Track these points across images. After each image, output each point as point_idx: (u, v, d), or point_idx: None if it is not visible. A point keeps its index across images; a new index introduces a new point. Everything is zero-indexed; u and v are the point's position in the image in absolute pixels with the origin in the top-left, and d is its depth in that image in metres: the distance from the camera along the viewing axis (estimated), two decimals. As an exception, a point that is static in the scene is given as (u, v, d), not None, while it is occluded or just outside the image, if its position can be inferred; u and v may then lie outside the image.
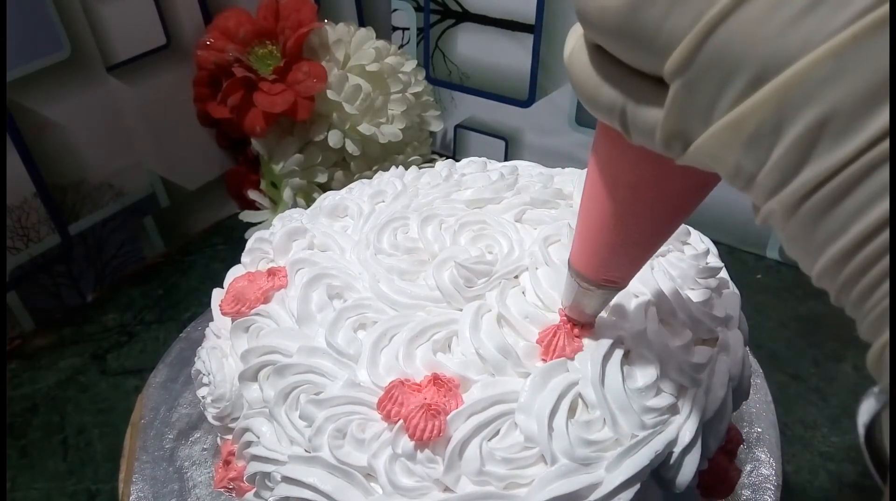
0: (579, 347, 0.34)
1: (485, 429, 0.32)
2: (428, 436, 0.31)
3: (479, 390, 0.33)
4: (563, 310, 0.35)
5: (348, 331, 0.36)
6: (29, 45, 0.57)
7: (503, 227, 0.41)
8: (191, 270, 0.73)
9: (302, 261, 0.41)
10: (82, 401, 0.58)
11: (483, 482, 0.31)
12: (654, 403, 0.33)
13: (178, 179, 0.74)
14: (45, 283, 0.64)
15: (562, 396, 0.32)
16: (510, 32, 0.75)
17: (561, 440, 0.31)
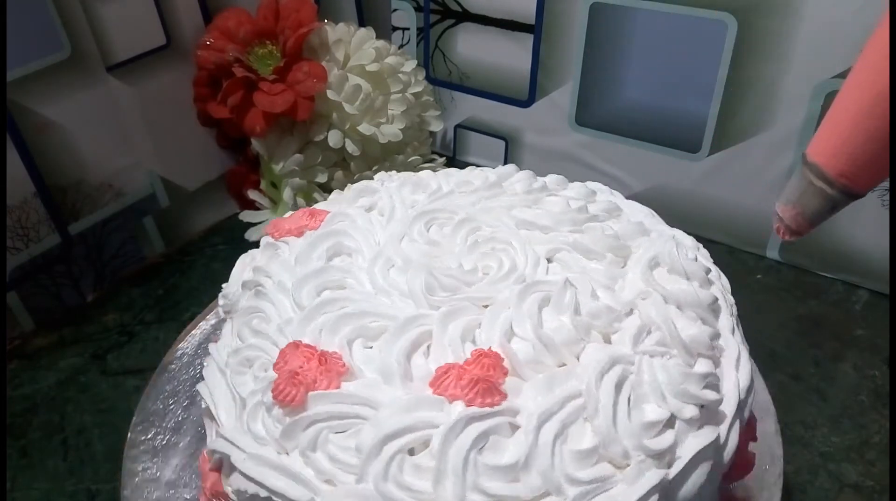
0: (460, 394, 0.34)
1: (334, 421, 0.34)
2: (287, 401, 0.34)
3: (353, 387, 0.35)
4: (779, 208, 0.31)
5: (313, 293, 0.40)
6: (29, 45, 0.57)
7: (523, 256, 0.41)
8: (191, 270, 0.73)
9: (343, 216, 0.46)
10: (82, 401, 0.58)
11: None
12: (584, 475, 0.32)
13: (178, 179, 0.74)
14: (45, 283, 0.64)
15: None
16: (510, 32, 0.75)
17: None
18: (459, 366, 0.34)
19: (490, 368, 0.34)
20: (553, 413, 0.33)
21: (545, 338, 0.35)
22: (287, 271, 0.42)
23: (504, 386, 0.34)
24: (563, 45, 0.73)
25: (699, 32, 0.66)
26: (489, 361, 0.34)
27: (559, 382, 0.34)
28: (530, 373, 0.35)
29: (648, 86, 0.80)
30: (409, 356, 0.36)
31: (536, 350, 0.35)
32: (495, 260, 0.41)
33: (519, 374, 0.35)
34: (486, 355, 0.34)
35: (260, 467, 0.34)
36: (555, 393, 0.33)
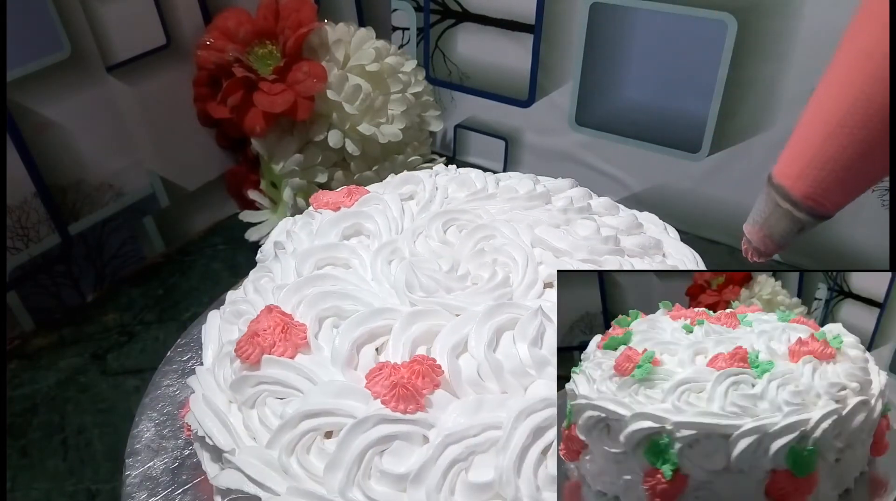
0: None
1: (276, 386, 0.36)
2: (244, 358, 0.36)
3: (305, 360, 0.37)
4: (746, 230, 0.32)
5: (314, 266, 0.42)
6: (29, 45, 0.57)
7: (521, 274, 0.41)
8: (191, 270, 0.73)
9: (378, 200, 0.47)
10: (82, 401, 0.58)
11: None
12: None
13: (178, 179, 0.74)
14: (45, 283, 0.64)
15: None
16: (510, 32, 0.75)
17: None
18: (393, 366, 0.34)
19: (419, 375, 0.34)
20: (465, 437, 0.33)
21: (493, 361, 0.35)
22: (308, 240, 0.44)
23: (430, 397, 0.34)
24: (563, 45, 0.73)
25: (699, 32, 0.66)
26: (421, 368, 0.34)
27: (488, 408, 0.34)
28: (467, 392, 0.34)
29: (648, 86, 0.80)
30: (362, 345, 0.37)
31: (481, 371, 0.35)
32: (490, 271, 0.40)
33: (454, 390, 0.35)
34: (421, 362, 0.34)
35: (206, 408, 0.37)
36: (477, 418, 0.33)
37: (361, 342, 0.37)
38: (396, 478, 0.32)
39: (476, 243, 0.43)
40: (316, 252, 0.43)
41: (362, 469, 0.33)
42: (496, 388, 0.35)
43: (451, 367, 0.35)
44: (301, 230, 0.46)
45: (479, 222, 0.45)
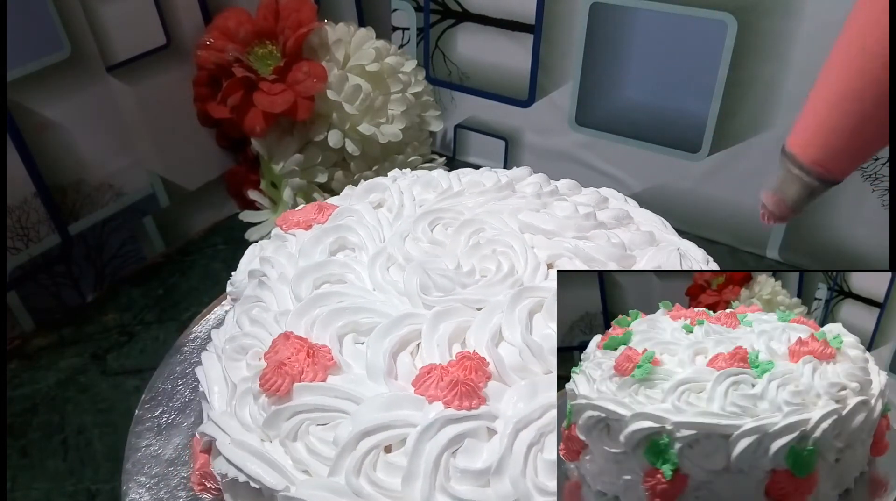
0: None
1: (316, 413, 0.35)
2: (273, 390, 0.35)
3: (339, 381, 0.36)
4: (764, 196, 0.33)
5: (311, 286, 0.41)
6: (29, 45, 0.57)
7: (523, 260, 0.41)
8: (191, 270, 0.73)
9: (351, 211, 0.47)
10: (82, 401, 0.58)
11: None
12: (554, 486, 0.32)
13: (178, 179, 0.74)
14: (45, 283, 0.64)
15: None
16: (510, 32, 0.75)
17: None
18: (442, 367, 0.34)
19: (472, 371, 0.34)
20: (531, 421, 0.33)
21: (533, 345, 0.35)
22: (291, 262, 0.43)
23: (485, 390, 0.34)
24: (563, 45, 0.73)
25: (699, 32, 0.66)
26: (472, 364, 0.34)
27: (542, 389, 0.34)
28: (515, 379, 0.35)
29: (648, 86, 0.80)
30: (396, 354, 0.36)
31: (523, 356, 0.35)
32: (494, 263, 0.41)
33: (503, 379, 0.35)
34: (470, 357, 0.34)
35: (242, 452, 0.35)
36: (536, 400, 0.33)
37: (395, 351, 0.36)
38: (477, 474, 0.32)
39: (468, 238, 0.43)
40: (309, 272, 0.41)
41: (441, 473, 0.32)
42: (540, 369, 0.35)
43: (494, 357, 0.35)
44: (279, 254, 0.45)
45: (463, 217, 0.45)
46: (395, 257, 0.42)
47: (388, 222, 0.46)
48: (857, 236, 0.65)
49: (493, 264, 0.41)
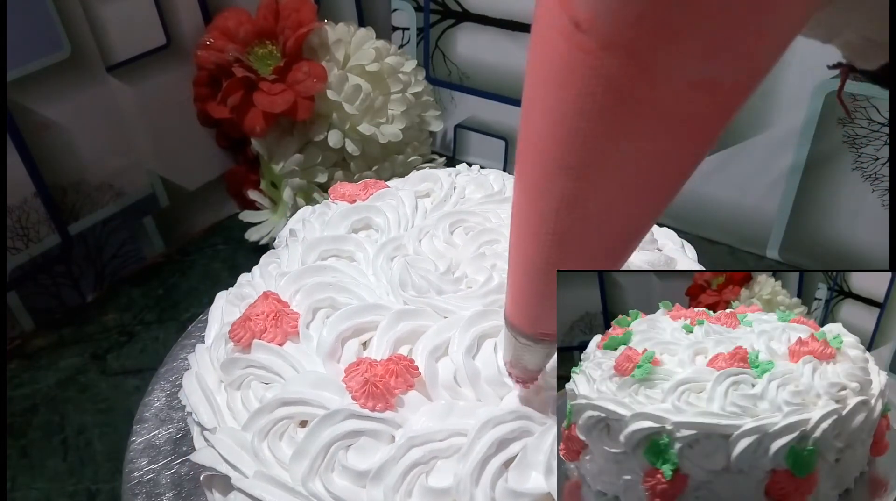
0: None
1: (262, 371, 0.37)
2: (236, 340, 0.38)
3: (291, 349, 0.38)
4: (505, 363, 0.34)
5: (317, 256, 0.43)
6: (29, 45, 0.57)
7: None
8: (191, 270, 0.73)
9: (392, 195, 0.48)
10: (82, 401, 0.58)
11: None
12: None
13: (178, 179, 0.74)
14: (45, 283, 0.64)
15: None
16: (510, 32, 0.75)
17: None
18: (370, 363, 0.35)
19: (393, 375, 0.34)
20: (428, 441, 0.33)
21: (470, 368, 0.35)
22: (320, 230, 0.45)
23: (403, 398, 0.34)
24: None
25: (699, 32, 0.66)
26: (397, 368, 0.34)
27: (458, 414, 0.34)
28: (440, 396, 0.35)
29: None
30: (347, 339, 0.37)
31: (457, 377, 0.35)
32: (486, 275, 0.40)
33: (428, 392, 0.35)
34: (400, 362, 0.34)
35: (194, 384, 0.38)
36: (446, 423, 0.33)
37: (347, 335, 0.37)
38: (358, 474, 0.33)
39: (479, 247, 0.43)
40: (322, 243, 0.44)
41: (326, 461, 0.33)
42: (471, 395, 0.35)
43: (428, 369, 0.35)
44: (315, 220, 0.47)
45: (485, 225, 0.45)
46: (404, 248, 0.43)
47: (424, 213, 0.47)
48: (857, 236, 0.65)
49: (483, 277, 0.40)
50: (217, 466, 0.35)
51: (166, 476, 0.44)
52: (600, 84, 0.17)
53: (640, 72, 0.16)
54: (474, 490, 0.32)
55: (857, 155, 0.62)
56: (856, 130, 0.61)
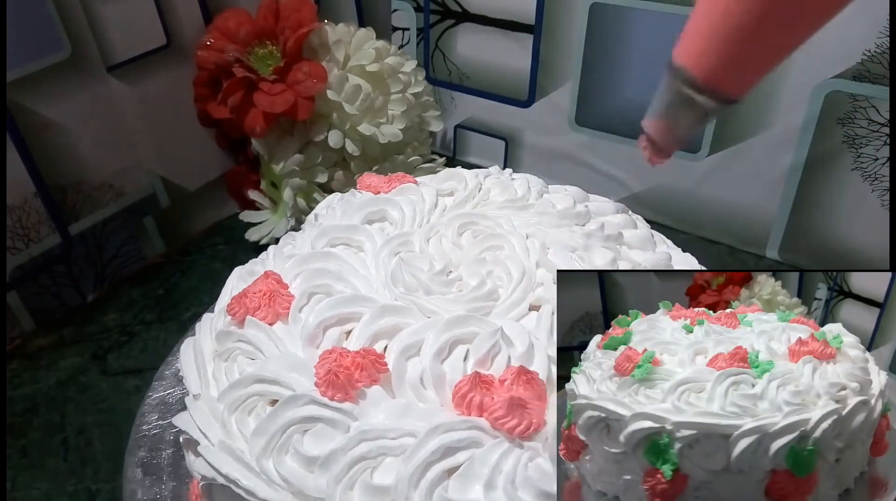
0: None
1: (249, 347, 0.38)
2: (231, 314, 0.40)
3: (279, 329, 0.39)
4: (645, 125, 0.29)
5: (325, 242, 0.44)
6: (29, 45, 0.57)
7: (509, 290, 0.40)
8: (191, 270, 0.73)
9: (414, 190, 0.48)
10: (82, 401, 0.58)
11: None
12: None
13: (178, 179, 0.74)
14: (45, 283, 0.64)
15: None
16: (510, 32, 0.75)
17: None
18: (340, 353, 0.35)
19: (358, 368, 0.34)
20: (381, 438, 0.33)
21: (436, 372, 0.35)
22: (339, 217, 0.46)
23: (366, 391, 0.34)
24: (563, 45, 0.73)
25: (699, 32, 0.66)
26: (364, 362, 0.34)
27: (414, 416, 0.34)
28: (404, 395, 0.35)
29: (648, 86, 0.79)
30: (329, 327, 0.37)
31: (423, 379, 0.35)
32: (478, 280, 0.40)
33: (392, 389, 0.35)
34: (365, 356, 0.35)
35: (189, 350, 0.41)
36: (400, 422, 0.33)
37: (331, 323, 0.38)
38: (308, 460, 0.33)
39: (481, 251, 0.43)
40: (334, 231, 0.44)
41: (282, 442, 0.34)
42: (435, 398, 0.34)
43: (396, 367, 0.35)
44: (338, 207, 0.48)
45: (494, 231, 0.44)
46: (410, 244, 0.43)
47: (442, 211, 0.47)
48: (857, 236, 0.65)
49: (475, 282, 0.40)
50: (190, 431, 0.36)
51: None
52: None
53: None
54: (411, 493, 0.31)
55: (856, 155, 0.62)
56: (856, 130, 0.61)
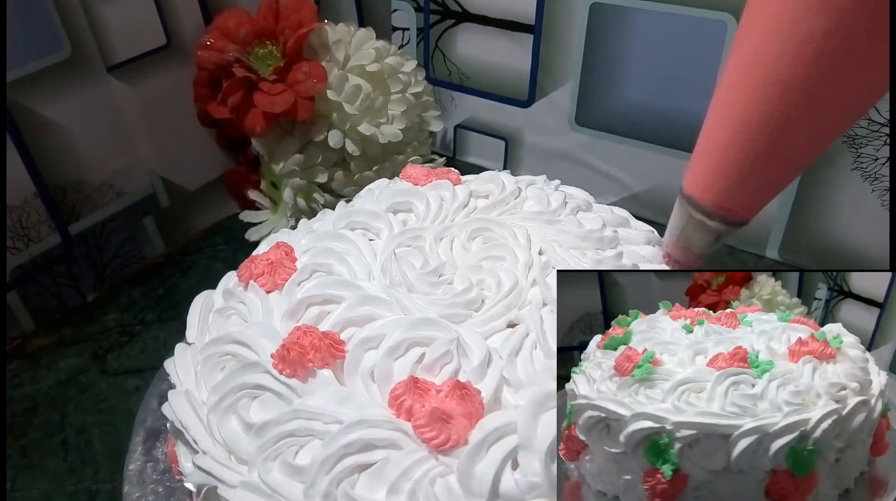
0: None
1: (242, 308, 0.41)
2: (239, 275, 0.43)
3: (273, 299, 0.41)
4: (665, 243, 0.31)
5: (344, 224, 0.45)
6: (29, 45, 0.58)
7: (493, 302, 0.39)
8: (191, 270, 0.73)
9: (446, 187, 0.49)
10: (82, 401, 0.58)
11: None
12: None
13: (178, 179, 0.74)
14: (45, 283, 0.64)
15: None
16: (510, 32, 0.75)
17: None
18: (305, 331, 0.36)
19: (314, 349, 0.35)
20: (313, 419, 0.33)
21: (384, 368, 0.35)
22: (367, 201, 0.49)
23: (320, 372, 0.35)
24: (563, 45, 0.73)
25: (699, 32, 0.66)
26: (321, 344, 0.35)
27: (350, 406, 0.34)
28: (350, 383, 0.35)
29: (648, 86, 0.80)
30: (310, 305, 0.39)
31: (375, 372, 0.35)
32: (465, 285, 0.40)
33: (343, 376, 0.35)
34: (323, 338, 0.35)
35: (201, 302, 0.43)
36: (336, 409, 0.34)
37: (314, 302, 0.39)
38: (246, 425, 0.34)
39: (481, 259, 0.42)
40: (357, 215, 0.46)
41: (231, 403, 0.35)
42: (378, 394, 0.35)
43: (353, 356, 0.36)
44: (375, 192, 0.50)
45: (504, 241, 0.43)
46: (421, 239, 0.43)
47: (468, 213, 0.47)
48: (857, 236, 0.65)
49: (462, 287, 0.40)
50: (170, 372, 0.40)
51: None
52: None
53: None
54: (320, 478, 0.32)
55: (856, 155, 0.62)
56: (855, 130, 0.61)
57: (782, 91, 0.22)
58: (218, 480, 0.33)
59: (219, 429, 0.35)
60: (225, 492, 0.33)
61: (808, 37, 0.21)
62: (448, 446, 0.32)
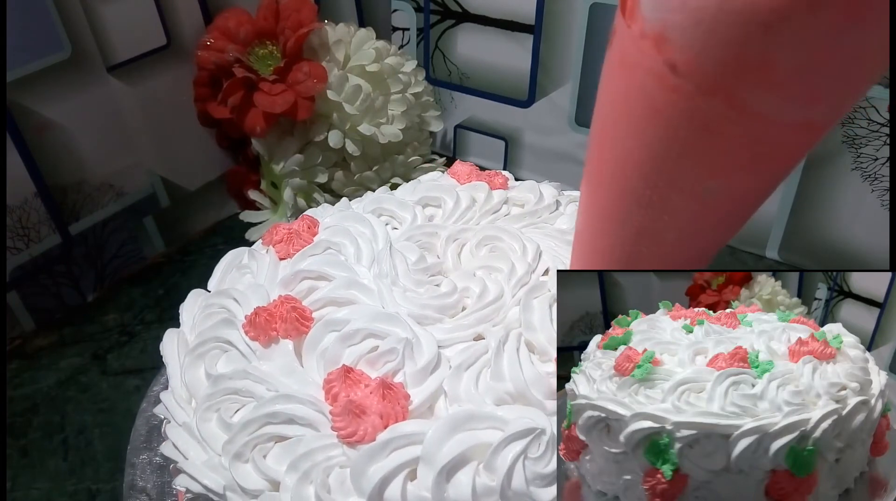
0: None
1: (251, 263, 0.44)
2: (264, 239, 0.46)
3: (291, 262, 0.43)
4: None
5: (370, 209, 0.46)
6: (29, 45, 0.58)
7: (475, 309, 0.38)
8: (191, 270, 0.73)
9: (482, 189, 0.49)
10: (83, 401, 0.58)
11: None
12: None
13: (178, 179, 0.74)
14: (45, 283, 0.64)
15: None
16: (510, 32, 0.75)
17: None
18: (285, 299, 0.38)
19: (281, 320, 0.36)
20: (257, 382, 0.35)
21: (333, 353, 0.36)
22: (407, 192, 0.50)
23: (282, 341, 0.37)
24: (563, 45, 0.73)
25: (699, 32, 0.66)
26: (289, 316, 0.36)
27: (292, 379, 0.35)
28: (308, 362, 0.36)
29: (648, 86, 0.79)
30: (305, 278, 0.41)
31: (327, 354, 0.36)
32: (450, 289, 0.39)
33: (301, 352, 0.37)
34: (292, 311, 0.37)
35: (230, 256, 0.45)
36: (277, 378, 0.35)
37: (309, 276, 0.40)
38: (207, 375, 0.37)
39: (477, 269, 0.41)
40: (384, 202, 0.47)
41: (203, 351, 0.38)
42: (321, 375, 0.35)
43: (314, 334, 0.37)
44: (419, 184, 0.50)
45: (509, 255, 0.42)
46: (434, 236, 0.44)
47: (495, 218, 0.46)
48: (857, 236, 0.65)
49: (445, 289, 0.39)
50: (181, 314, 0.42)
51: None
52: (693, 126, 0.17)
53: (738, 114, 0.16)
54: (239, 438, 0.34)
55: (856, 155, 0.62)
56: (855, 130, 0.61)
57: (612, 175, 0.21)
58: (171, 416, 0.36)
59: (187, 372, 0.37)
60: (169, 429, 0.36)
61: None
62: (354, 439, 0.32)
